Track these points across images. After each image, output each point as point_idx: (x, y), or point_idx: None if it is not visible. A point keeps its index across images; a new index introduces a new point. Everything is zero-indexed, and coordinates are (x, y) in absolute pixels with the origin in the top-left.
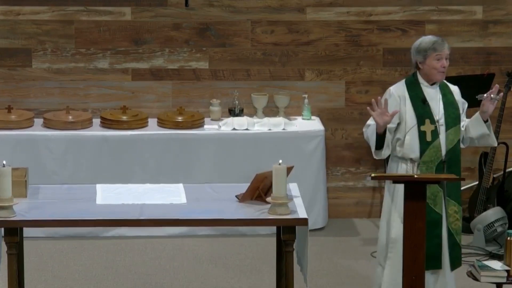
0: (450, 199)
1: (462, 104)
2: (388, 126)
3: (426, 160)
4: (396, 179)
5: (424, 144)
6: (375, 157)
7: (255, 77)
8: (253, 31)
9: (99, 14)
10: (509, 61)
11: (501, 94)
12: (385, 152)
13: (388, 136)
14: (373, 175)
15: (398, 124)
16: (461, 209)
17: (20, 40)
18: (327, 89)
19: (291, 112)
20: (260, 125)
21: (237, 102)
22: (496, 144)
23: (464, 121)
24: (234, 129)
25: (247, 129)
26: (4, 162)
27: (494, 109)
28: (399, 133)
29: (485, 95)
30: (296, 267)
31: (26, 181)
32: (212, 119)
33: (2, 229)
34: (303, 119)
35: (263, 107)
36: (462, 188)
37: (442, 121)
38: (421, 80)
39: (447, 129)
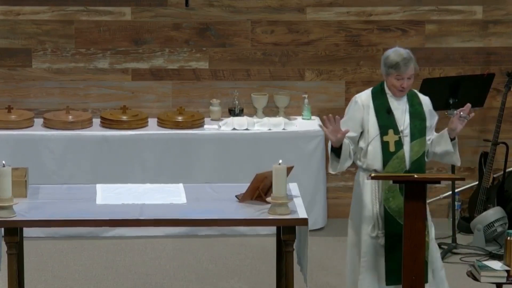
0: None
1: (432, 116)
2: (349, 135)
3: (389, 171)
4: (396, 179)
5: (387, 155)
6: (330, 171)
7: (255, 77)
8: (253, 31)
9: (99, 14)
10: (509, 61)
11: (472, 114)
12: (341, 166)
13: (346, 150)
14: (373, 175)
15: (362, 133)
16: (431, 225)
17: (20, 40)
18: (327, 89)
19: (291, 112)
20: (260, 125)
21: (237, 102)
22: (459, 164)
23: (433, 135)
24: (234, 129)
25: (247, 129)
26: (4, 162)
27: (463, 126)
28: (363, 143)
29: (455, 111)
30: (296, 267)
31: (26, 181)
32: (212, 119)
33: (2, 229)
34: (303, 119)
35: (263, 107)
36: (462, 188)
37: (407, 131)
38: (387, 90)
39: (412, 140)
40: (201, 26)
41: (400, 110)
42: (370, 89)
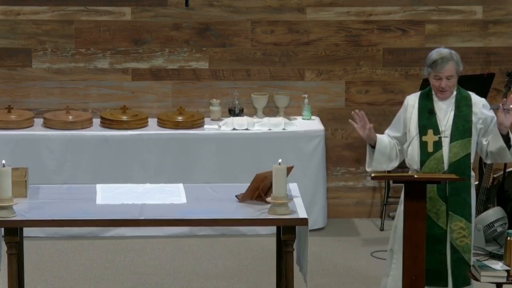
0: (454, 214)
1: (485, 117)
2: (394, 135)
3: (426, 171)
4: (396, 179)
5: (425, 155)
6: (366, 168)
7: (255, 77)
8: (253, 31)
9: (99, 14)
10: (509, 61)
11: None
12: (376, 164)
13: (384, 148)
14: (373, 175)
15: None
16: (471, 226)
17: (20, 40)
18: (327, 89)
19: (291, 112)
20: (260, 125)
21: (237, 102)
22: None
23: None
24: (234, 129)
25: (247, 129)
26: (4, 162)
27: None
28: (406, 143)
29: (498, 105)
30: (296, 267)
31: (26, 181)
32: (212, 119)
33: (2, 229)
34: (303, 119)
35: (263, 107)
36: None
37: (447, 133)
38: (434, 93)
39: (451, 141)
40: (201, 26)
41: (444, 111)
42: (420, 92)
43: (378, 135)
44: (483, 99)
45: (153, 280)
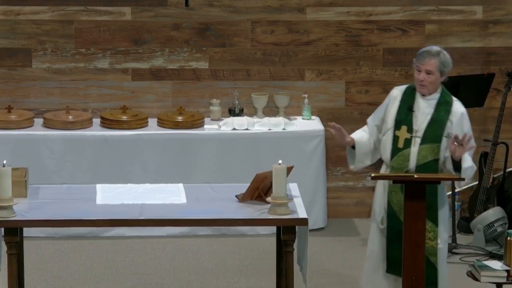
0: None
1: (459, 130)
2: (376, 123)
3: (394, 165)
4: (396, 179)
5: (395, 150)
6: (350, 167)
7: (255, 77)
8: (253, 31)
9: (99, 14)
10: (509, 61)
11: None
12: (356, 165)
13: (363, 146)
14: (373, 175)
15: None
16: (437, 229)
17: (20, 40)
18: (327, 89)
19: (291, 112)
20: (260, 125)
21: (237, 102)
22: (460, 188)
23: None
24: (234, 129)
25: (247, 129)
26: (4, 162)
27: (456, 149)
28: (381, 133)
29: (452, 135)
30: (296, 267)
31: (26, 181)
32: (212, 119)
33: (2, 229)
34: (303, 119)
35: (263, 107)
36: (462, 188)
37: (420, 133)
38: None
39: (422, 143)
40: (201, 26)
41: (422, 111)
42: (409, 84)
43: (355, 136)
44: (463, 109)
45: (153, 280)
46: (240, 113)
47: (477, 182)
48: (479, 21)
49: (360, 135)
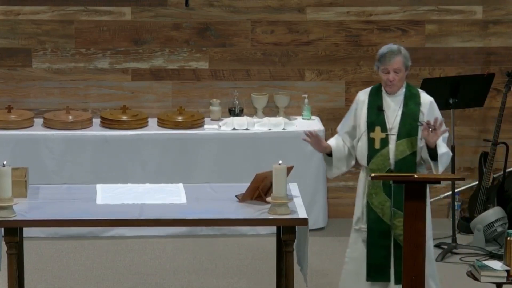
0: (397, 210)
1: (431, 118)
2: (347, 130)
3: (373, 167)
4: (396, 179)
5: (372, 151)
6: (328, 176)
7: (255, 77)
8: (253, 31)
9: (99, 14)
10: (509, 61)
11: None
12: (336, 170)
13: (339, 152)
14: (373, 175)
15: (356, 125)
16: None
17: (20, 40)
18: (327, 89)
19: (291, 112)
20: (260, 125)
21: (237, 102)
22: (437, 172)
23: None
24: (234, 129)
25: (247, 129)
26: (4, 162)
27: (429, 135)
28: (355, 139)
29: (423, 122)
30: (296, 267)
31: (26, 181)
32: (212, 119)
33: (2, 229)
34: (303, 119)
35: (263, 107)
36: (462, 188)
37: (394, 130)
38: (383, 89)
39: (398, 139)
40: (201, 26)
41: (392, 108)
42: (372, 86)
43: (331, 143)
44: (431, 98)
45: (153, 280)
46: (240, 113)
47: (477, 182)
48: (479, 21)
49: (336, 142)
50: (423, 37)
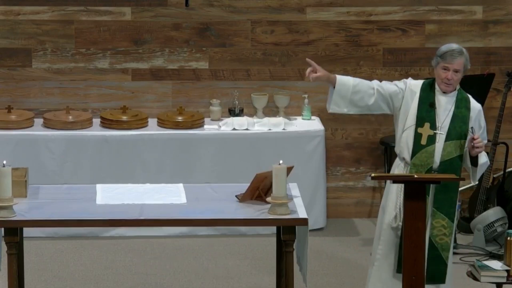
0: (437, 211)
1: (476, 125)
2: (386, 86)
3: (416, 162)
4: (396, 179)
5: (417, 147)
6: (327, 108)
7: (255, 77)
8: (253, 31)
9: (99, 14)
10: (509, 61)
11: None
12: (332, 107)
13: (343, 93)
14: (373, 175)
15: (399, 118)
16: (453, 225)
17: (20, 40)
18: (327, 89)
19: (291, 112)
20: (260, 125)
21: (237, 102)
22: (475, 182)
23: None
24: (234, 129)
25: (247, 129)
26: (4, 162)
27: (473, 147)
28: (400, 127)
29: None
30: (296, 267)
31: (26, 181)
32: (212, 119)
33: (2, 229)
34: (303, 119)
35: (263, 107)
36: (462, 188)
37: (443, 130)
38: (437, 86)
39: (447, 139)
40: (201, 26)
41: (444, 108)
42: (423, 80)
43: (342, 78)
44: (479, 106)
45: (153, 280)
46: (240, 113)
47: (477, 182)
48: (479, 21)
49: (347, 79)
50: (423, 37)
